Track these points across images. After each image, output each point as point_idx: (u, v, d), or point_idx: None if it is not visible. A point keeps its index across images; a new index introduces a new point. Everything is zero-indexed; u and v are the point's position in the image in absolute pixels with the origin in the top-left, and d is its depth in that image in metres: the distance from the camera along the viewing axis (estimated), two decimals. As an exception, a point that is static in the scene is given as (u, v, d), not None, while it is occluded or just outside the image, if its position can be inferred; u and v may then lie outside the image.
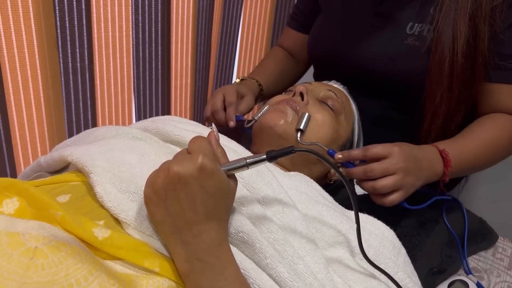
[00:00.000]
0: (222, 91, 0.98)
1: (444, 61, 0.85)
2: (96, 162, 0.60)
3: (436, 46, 0.86)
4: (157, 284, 0.49)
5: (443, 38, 0.85)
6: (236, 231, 0.54)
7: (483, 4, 0.82)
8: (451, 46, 0.84)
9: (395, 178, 0.74)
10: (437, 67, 0.86)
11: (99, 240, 0.49)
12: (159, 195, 0.49)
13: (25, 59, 1.12)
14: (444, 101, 0.87)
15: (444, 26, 0.85)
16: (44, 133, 1.24)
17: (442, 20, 0.85)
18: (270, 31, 1.77)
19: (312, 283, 0.54)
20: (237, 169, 0.52)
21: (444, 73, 0.85)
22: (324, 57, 1.07)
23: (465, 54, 0.84)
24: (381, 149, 0.75)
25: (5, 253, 0.42)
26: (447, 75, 0.85)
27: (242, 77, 1.12)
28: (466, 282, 0.79)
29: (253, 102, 1.02)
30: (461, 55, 0.84)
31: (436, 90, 0.87)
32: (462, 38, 0.83)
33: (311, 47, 1.11)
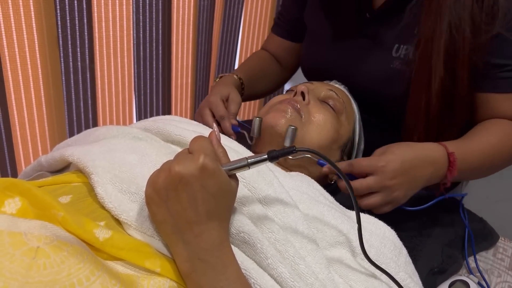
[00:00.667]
0: (207, 105, 0.92)
1: (420, 103, 0.85)
2: (97, 163, 0.60)
3: (414, 87, 0.86)
4: (158, 284, 0.49)
5: (418, 80, 0.84)
6: (237, 231, 0.54)
7: (459, 49, 0.80)
8: (427, 89, 0.83)
9: (379, 197, 0.73)
10: (413, 109, 0.86)
11: (100, 241, 0.49)
12: (160, 195, 0.49)
13: (26, 58, 1.13)
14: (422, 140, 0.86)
15: (420, 67, 0.84)
16: (45, 132, 1.25)
17: (418, 60, 0.84)
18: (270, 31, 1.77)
19: (314, 283, 0.54)
20: (239, 169, 0.52)
21: (420, 115, 0.85)
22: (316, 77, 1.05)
23: (441, 97, 0.83)
24: (366, 165, 0.74)
25: (7, 253, 0.42)
26: (423, 117, 0.85)
27: (221, 75, 1.07)
28: (467, 282, 0.79)
29: (238, 96, 0.96)
30: (436, 99, 0.83)
31: (413, 131, 0.87)
32: (437, 82, 0.82)
33: (303, 66, 1.11)
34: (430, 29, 0.81)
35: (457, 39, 0.80)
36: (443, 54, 0.81)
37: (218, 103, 0.91)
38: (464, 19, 0.79)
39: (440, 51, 0.81)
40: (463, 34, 0.79)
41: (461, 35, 0.80)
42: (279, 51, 1.20)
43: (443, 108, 0.84)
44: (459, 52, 0.80)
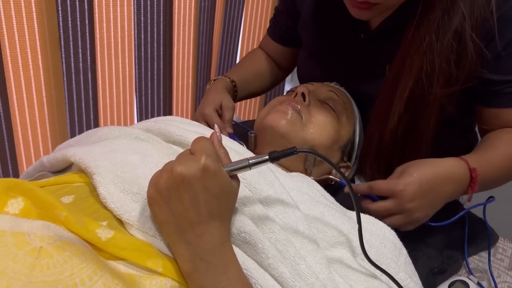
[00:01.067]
0: (201, 117, 0.93)
1: (373, 137, 0.85)
2: (99, 163, 0.60)
3: (372, 117, 0.85)
4: (160, 284, 0.49)
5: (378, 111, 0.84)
6: (238, 231, 0.55)
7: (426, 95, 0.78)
8: (383, 123, 0.82)
9: (400, 218, 0.74)
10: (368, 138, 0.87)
11: (102, 240, 0.49)
12: (162, 196, 0.50)
13: (28, 59, 1.13)
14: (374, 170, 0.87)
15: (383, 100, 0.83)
16: (47, 132, 1.25)
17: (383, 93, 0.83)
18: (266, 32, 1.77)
19: (314, 283, 0.54)
20: (240, 169, 0.53)
21: (372, 145, 0.86)
22: None
23: (396, 136, 0.82)
24: (385, 189, 0.74)
25: (11, 253, 0.42)
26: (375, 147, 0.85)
27: (213, 78, 1.07)
28: (467, 282, 0.80)
29: (230, 101, 0.95)
30: (389, 136, 0.82)
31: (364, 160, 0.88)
32: (394, 121, 0.81)
33: (299, 77, 1.10)
34: (400, 68, 0.80)
35: (426, 84, 0.77)
36: (408, 95, 0.79)
37: (212, 115, 0.91)
38: (437, 67, 0.76)
39: (405, 91, 0.79)
40: (432, 81, 0.77)
41: (430, 80, 0.77)
42: (272, 53, 1.20)
43: (395, 147, 0.84)
44: (426, 96, 0.78)
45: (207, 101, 0.95)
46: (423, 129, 0.82)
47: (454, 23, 0.74)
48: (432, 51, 0.76)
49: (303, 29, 1.05)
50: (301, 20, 1.05)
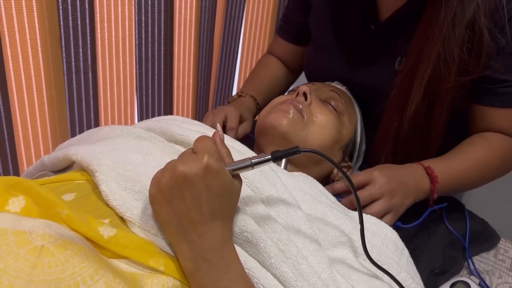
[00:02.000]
0: (225, 111, 0.95)
1: (391, 125, 0.86)
2: (101, 161, 0.60)
3: (388, 109, 0.86)
4: (162, 283, 0.49)
5: (394, 104, 0.85)
6: (240, 231, 0.54)
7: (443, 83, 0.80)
8: (401, 113, 0.84)
9: (382, 203, 0.76)
10: (383, 129, 0.87)
11: (104, 238, 0.49)
12: (164, 195, 0.50)
13: (29, 58, 1.13)
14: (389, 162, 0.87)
15: (397, 94, 0.85)
16: (47, 132, 1.25)
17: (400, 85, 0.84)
18: (272, 32, 1.77)
19: (316, 283, 0.54)
20: (242, 169, 0.53)
21: (388, 137, 0.86)
22: None
23: (414, 125, 0.83)
24: (362, 177, 0.78)
25: (12, 251, 0.42)
26: (391, 139, 0.86)
27: (239, 93, 1.10)
28: (468, 283, 0.79)
29: (250, 127, 1.00)
30: (408, 125, 0.84)
31: (380, 151, 0.88)
32: (412, 109, 0.82)
33: (306, 72, 1.11)
34: (417, 56, 0.81)
35: (443, 72, 0.79)
36: (426, 83, 0.80)
37: (236, 116, 0.95)
38: (453, 55, 0.78)
39: (424, 79, 0.80)
40: (449, 69, 0.79)
41: (447, 69, 0.79)
42: (285, 55, 1.20)
43: (413, 135, 0.85)
44: (442, 85, 0.80)
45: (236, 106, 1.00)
46: (437, 118, 0.84)
47: (469, 11, 0.76)
48: (450, 39, 0.78)
49: (313, 21, 1.06)
50: (312, 12, 1.05)
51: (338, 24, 0.99)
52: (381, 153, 0.88)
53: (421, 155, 0.86)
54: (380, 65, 0.92)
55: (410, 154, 0.86)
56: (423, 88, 0.81)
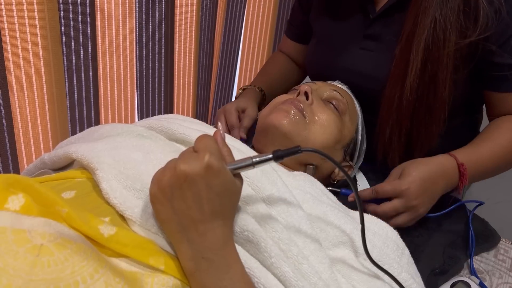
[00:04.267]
0: (223, 112, 0.98)
1: (394, 95, 0.85)
2: (102, 159, 0.60)
3: (390, 81, 0.86)
4: (162, 282, 0.49)
5: (395, 74, 0.85)
6: (241, 230, 0.54)
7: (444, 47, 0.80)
8: (402, 81, 0.84)
9: (407, 216, 0.78)
10: (387, 99, 0.87)
11: (104, 237, 0.49)
12: (165, 193, 0.49)
13: (29, 56, 1.12)
14: (395, 135, 0.87)
15: (397, 63, 0.85)
16: (47, 130, 1.25)
17: (398, 55, 0.85)
18: (273, 30, 1.77)
19: (317, 282, 0.54)
20: (243, 168, 0.52)
21: (393, 107, 0.86)
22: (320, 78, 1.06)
23: (417, 93, 0.83)
24: (390, 190, 0.77)
25: (11, 250, 0.42)
26: (395, 109, 0.86)
27: (243, 87, 1.12)
28: (468, 283, 0.79)
29: (255, 111, 1.00)
30: (409, 93, 0.83)
31: (385, 123, 0.88)
32: (412, 76, 0.82)
33: (306, 67, 1.13)
34: (413, 23, 0.82)
35: (439, 37, 0.80)
36: (422, 49, 0.81)
37: (232, 112, 0.97)
38: (449, 19, 0.79)
39: (420, 46, 0.81)
40: (445, 33, 0.80)
41: (443, 33, 0.80)
42: (292, 53, 1.24)
43: (419, 104, 0.85)
44: (440, 50, 0.81)
45: (233, 102, 1.01)
46: (441, 87, 0.83)
47: None
48: (445, 3, 0.79)
49: (314, 16, 1.08)
50: (314, 7, 1.08)
51: (337, 17, 1.01)
52: (386, 124, 0.88)
53: (428, 125, 0.86)
54: (380, 54, 0.93)
55: (417, 123, 0.86)
56: (421, 54, 0.81)
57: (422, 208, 0.78)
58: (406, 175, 0.79)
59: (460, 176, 0.82)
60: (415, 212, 0.78)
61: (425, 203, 0.78)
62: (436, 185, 0.80)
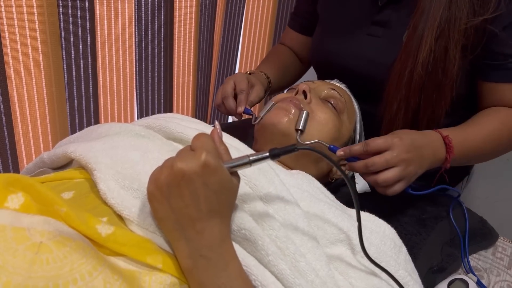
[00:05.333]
0: (232, 78, 0.97)
1: (405, 70, 0.85)
2: (100, 159, 0.60)
3: (401, 55, 0.86)
4: (160, 280, 0.49)
5: (408, 48, 0.85)
6: (238, 228, 0.54)
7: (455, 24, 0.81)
8: (414, 56, 0.84)
9: (396, 171, 0.74)
10: (397, 74, 0.86)
11: (102, 236, 0.49)
12: (162, 192, 0.50)
13: (29, 55, 1.13)
14: (402, 110, 0.87)
15: (411, 36, 0.85)
16: (47, 129, 1.25)
17: (413, 28, 0.85)
18: (272, 29, 1.77)
19: (314, 280, 0.54)
20: (240, 166, 0.53)
21: (402, 82, 0.85)
22: (324, 65, 1.07)
23: (428, 68, 0.83)
24: (382, 142, 0.75)
25: (11, 248, 0.43)
26: (405, 85, 0.85)
27: (250, 71, 1.11)
28: (466, 280, 0.80)
29: (263, 92, 1.01)
30: (421, 68, 0.83)
31: (393, 97, 0.87)
32: (425, 51, 0.83)
33: (312, 55, 1.12)
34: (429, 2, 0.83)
35: (454, 14, 0.81)
36: (437, 25, 0.82)
37: (243, 79, 0.96)
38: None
39: (435, 22, 0.81)
40: (460, 11, 0.81)
41: (458, 11, 0.81)
42: (295, 45, 1.23)
43: (429, 80, 0.85)
44: (452, 27, 0.81)
45: (243, 73, 1.01)
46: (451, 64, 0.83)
47: None
48: None
49: (321, 5, 1.09)
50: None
51: (346, 2, 1.01)
52: (393, 99, 0.87)
53: (436, 102, 0.86)
54: (387, 40, 0.93)
55: (425, 99, 0.86)
56: (435, 30, 0.82)
57: (412, 166, 0.76)
58: (396, 133, 0.78)
59: (446, 148, 0.81)
60: (405, 168, 0.75)
61: (414, 161, 0.76)
62: (424, 149, 0.79)
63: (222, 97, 0.95)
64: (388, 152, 0.74)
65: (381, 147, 0.74)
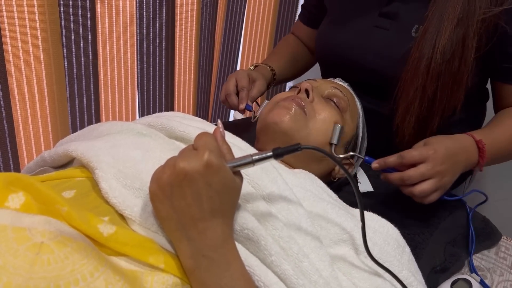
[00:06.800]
0: (234, 76, 1.01)
1: (422, 58, 0.85)
2: (101, 158, 0.60)
3: (419, 42, 0.86)
4: (162, 280, 0.49)
5: (427, 35, 0.85)
6: (241, 228, 0.54)
7: (474, 13, 0.82)
8: (433, 44, 0.84)
9: (432, 182, 0.76)
10: (415, 62, 0.86)
11: (104, 236, 0.49)
12: (164, 191, 0.49)
13: (29, 53, 1.12)
14: (417, 99, 0.87)
15: (431, 23, 0.85)
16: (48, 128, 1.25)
17: (431, 17, 0.85)
18: (273, 27, 1.77)
19: (317, 280, 0.54)
20: (243, 165, 0.52)
21: (420, 70, 0.85)
22: (329, 57, 1.07)
23: (446, 56, 0.84)
24: (417, 154, 0.76)
25: (11, 248, 0.42)
26: (422, 73, 0.85)
27: (255, 64, 1.15)
28: (469, 280, 0.79)
29: (264, 87, 1.04)
30: (440, 56, 0.83)
31: (410, 85, 0.87)
32: (445, 38, 0.83)
33: (317, 47, 1.12)
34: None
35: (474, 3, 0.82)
36: (458, 13, 0.82)
37: (244, 76, 1.00)
38: None
39: (455, 10, 0.82)
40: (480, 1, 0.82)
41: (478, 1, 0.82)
42: (304, 38, 1.27)
43: (445, 69, 0.85)
44: (470, 17, 0.82)
45: (245, 70, 1.04)
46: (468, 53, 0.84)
47: None
48: None
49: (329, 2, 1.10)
50: None
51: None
52: (410, 87, 0.87)
53: (451, 93, 0.87)
54: (395, 32, 0.93)
55: (442, 89, 0.86)
56: (457, 17, 0.82)
57: (447, 176, 0.77)
58: (430, 143, 0.78)
59: (479, 152, 0.82)
60: (440, 179, 0.76)
61: (449, 171, 0.77)
62: (458, 156, 0.79)
63: (225, 94, 1.00)
64: (423, 165, 0.75)
65: (416, 160, 0.76)
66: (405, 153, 0.77)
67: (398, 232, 0.69)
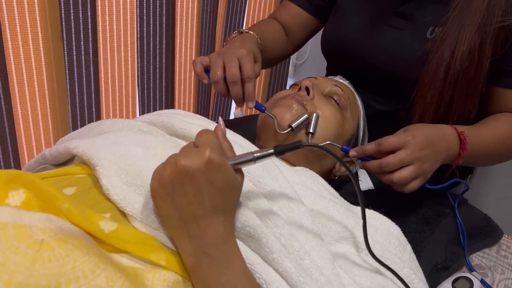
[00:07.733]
0: (236, 54, 0.80)
1: (441, 64, 0.84)
2: (102, 155, 0.60)
3: (438, 48, 0.85)
4: (163, 278, 0.48)
5: (447, 41, 0.84)
6: (242, 226, 0.54)
7: (493, 21, 0.82)
8: (452, 51, 0.83)
9: (411, 169, 0.73)
10: (434, 68, 0.85)
11: (105, 233, 0.49)
12: (166, 189, 0.49)
13: (30, 51, 1.12)
14: (434, 104, 0.86)
15: (451, 29, 0.84)
16: (48, 125, 1.25)
17: (451, 23, 0.84)
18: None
19: (319, 278, 0.54)
20: (244, 163, 0.52)
21: (438, 76, 0.85)
22: (339, 54, 1.04)
23: (464, 63, 0.83)
24: (395, 140, 0.73)
25: (12, 245, 0.42)
26: (440, 79, 0.85)
27: (241, 30, 0.97)
28: (470, 279, 0.79)
29: (260, 68, 0.88)
30: (459, 62, 0.83)
31: (427, 90, 0.86)
32: (464, 45, 0.82)
33: (326, 43, 1.08)
34: None
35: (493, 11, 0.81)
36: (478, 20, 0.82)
37: (250, 61, 0.80)
38: None
39: (477, 18, 0.82)
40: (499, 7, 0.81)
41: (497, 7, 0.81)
42: (291, 22, 1.12)
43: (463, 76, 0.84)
44: (490, 23, 0.82)
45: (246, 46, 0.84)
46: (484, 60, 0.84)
47: None
48: None
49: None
50: None
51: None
52: (427, 92, 0.86)
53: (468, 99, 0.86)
54: (409, 33, 0.92)
55: (459, 95, 0.85)
56: (477, 24, 0.82)
57: (426, 163, 0.74)
58: (410, 130, 0.76)
59: (460, 143, 0.80)
60: (420, 165, 0.73)
61: (429, 158, 0.75)
62: (439, 143, 0.77)
63: (229, 81, 0.79)
64: (402, 151, 0.73)
65: (395, 146, 0.73)
66: (383, 140, 0.74)
67: (399, 230, 0.69)
